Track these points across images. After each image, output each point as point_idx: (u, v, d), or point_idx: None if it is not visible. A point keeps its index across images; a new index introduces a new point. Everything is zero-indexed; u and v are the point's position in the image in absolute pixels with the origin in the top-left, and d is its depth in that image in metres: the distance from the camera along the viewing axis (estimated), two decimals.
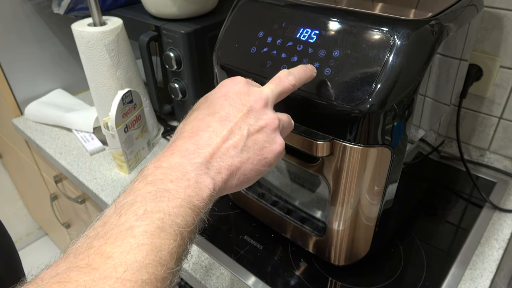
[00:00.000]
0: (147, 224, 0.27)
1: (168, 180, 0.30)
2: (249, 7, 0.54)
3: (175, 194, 0.29)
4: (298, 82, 0.41)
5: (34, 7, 0.96)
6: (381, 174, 0.47)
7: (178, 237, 0.28)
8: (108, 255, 0.25)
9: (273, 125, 0.36)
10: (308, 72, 0.42)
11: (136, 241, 0.26)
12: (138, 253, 0.26)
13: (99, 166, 0.83)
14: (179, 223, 0.28)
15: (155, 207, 0.28)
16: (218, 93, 0.37)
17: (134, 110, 0.75)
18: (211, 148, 0.33)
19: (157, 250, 0.26)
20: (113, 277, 0.24)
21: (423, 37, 0.43)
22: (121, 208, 0.28)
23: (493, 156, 0.77)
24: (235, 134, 0.34)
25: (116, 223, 0.27)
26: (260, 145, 0.35)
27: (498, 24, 0.67)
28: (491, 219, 0.66)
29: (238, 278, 0.58)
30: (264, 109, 0.36)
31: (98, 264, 0.25)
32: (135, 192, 0.29)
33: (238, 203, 0.70)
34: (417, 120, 0.48)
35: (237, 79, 0.38)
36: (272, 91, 0.38)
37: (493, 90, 0.72)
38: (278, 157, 0.37)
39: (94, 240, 0.26)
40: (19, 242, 1.69)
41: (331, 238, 0.55)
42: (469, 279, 0.56)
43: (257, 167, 0.35)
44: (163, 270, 0.26)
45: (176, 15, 0.78)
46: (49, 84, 1.06)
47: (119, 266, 0.25)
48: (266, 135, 0.36)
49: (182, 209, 0.29)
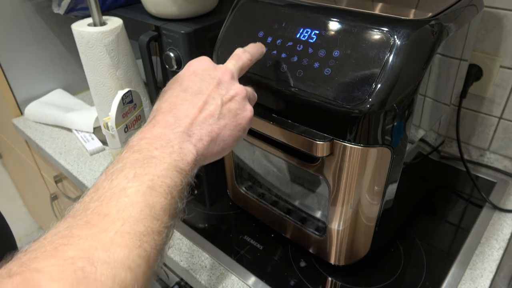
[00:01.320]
0: (139, 185, 0.29)
1: (153, 148, 0.32)
2: (249, 7, 0.54)
3: (161, 160, 0.31)
4: (253, 57, 0.45)
5: (34, 7, 0.96)
6: (381, 174, 0.47)
7: (169, 195, 0.30)
8: (105, 214, 0.27)
9: (242, 94, 0.40)
10: (259, 48, 0.47)
11: (130, 200, 0.28)
12: (133, 210, 0.27)
13: (99, 166, 0.83)
14: (168, 183, 0.30)
15: (143, 170, 0.30)
16: (187, 72, 0.40)
17: (134, 110, 0.75)
18: (190, 118, 0.35)
19: (150, 207, 0.28)
20: (112, 230, 0.26)
21: (423, 37, 0.43)
22: (111, 175, 0.30)
23: (493, 156, 0.77)
24: (210, 104, 0.37)
25: (109, 186, 0.29)
26: (233, 112, 0.38)
27: (498, 24, 0.67)
28: (491, 219, 0.66)
29: (238, 278, 0.58)
30: (232, 80, 0.40)
31: (97, 221, 0.26)
32: (123, 160, 0.31)
33: (238, 203, 0.70)
34: (417, 120, 0.48)
35: (202, 58, 0.42)
36: (234, 65, 0.42)
37: (493, 90, 0.72)
38: (249, 123, 0.40)
39: (89, 203, 0.28)
40: (19, 242, 1.68)
41: (331, 238, 0.55)
42: (469, 279, 0.56)
43: (234, 132, 0.38)
44: (158, 224, 0.28)
45: (176, 15, 0.78)
46: (49, 84, 1.06)
47: (116, 221, 0.27)
48: (237, 103, 0.39)
49: (169, 171, 0.31)
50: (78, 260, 0.24)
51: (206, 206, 0.73)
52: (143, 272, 0.26)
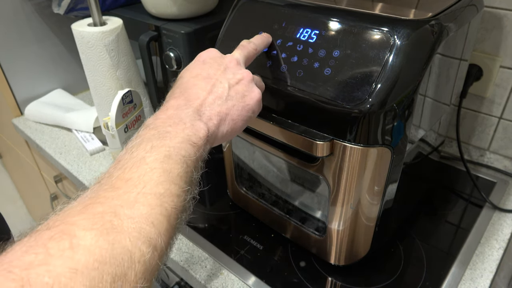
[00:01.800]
0: (156, 154, 0.32)
1: (167, 125, 0.35)
2: (249, 7, 0.54)
3: (175, 134, 0.34)
4: (259, 47, 0.47)
5: (34, 7, 0.96)
6: (381, 174, 0.47)
7: (184, 164, 0.33)
8: (127, 179, 0.30)
9: (248, 78, 0.42)
10: (265, 39, 0.49)
11: (150, 166, 0.31)
12: (153, 174, 0.31)
13: (99, 166, 0.83)
14: (183, 153, 0.33)
15: (160, 143, 0.33)
16: (196, 62, 0.43)
17: (134, 110, 0.75)
18: (200, 100, 0.38)
19: (168, 172, 0.31)
20: (135, 192, 0.29)
21: (423, 37, 0.43)
22: (131, 148, 0.33)
23: (493, 156, 0.77)
24: (218, 87, 0.40)
25: (129, 157, 0.32)
26: (241, 94, 0.41)
27: (498, 24, 0.67)
28: (491, 219, 0.66)
29: (238, 278, 0.58)
30: (238, 65, 0.43)
31: (120, 185, 0.30)
32: (140, 136, 0.34)
33: (238, 203, 0.70)
34: (417, 120, 0.48)
35: (211, 49, 0.45)
36: (240, 54, 0.45)
37: (493, 90, 0.72)
38: (258, 104, 0.42)
39: (113, 172, 0.31)
40: None
41: (331, 238, 0.55)
42: (469, 279, 0.56)
43: (243, 112, 0.40)
44: (176, 188, 0.31)
45: (176, 15, 0.78)
46: (49, 84, 1.06)
47: (138, 184, 0.30)
48: (244, 86, 0.41)
49: (183, 144, 0.34)
50: (106, 214, 0.27)
51: (206, 206, 0.73)
52: (166, 229, 0.29)
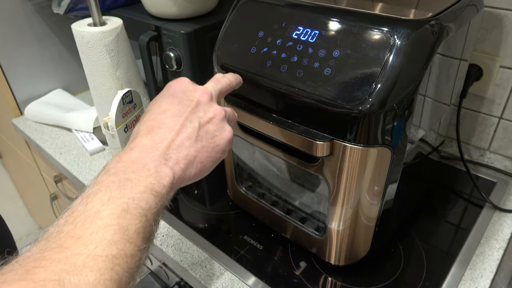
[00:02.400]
0: (113, 208, 0.29)
1: (129, 171, 0.32)
2: (249, 7, 0.54)
3: (137, 183, 0.31)
4: (232, 84, 0.46)
5: (34, 7, 0.96)
6: (381, 174, 0.47)
7: (143, 218, 0.30)
8: (78, 236, 0.27)
9: (220, 115, 0.40)
10: (237, 78, 0.47)
11: (104, 222, 0.28)
12: (107, 232, 0.27)
13: (99, 166, 0.83)
14: (143, 206, 0.30)
15: (119, 193, 0.30)
16: (166, 94, 0.40)
17: (134, 110, 0.75)
18: (167, 141, 0.35)
19: (124, 229, 0.28)
20: (84, 254, 0.26)
21: (423, 37, 0.43)
22: (87, 198, 0.30)
23: (493, 156, 0.77)
24: (188, 127, 0.37)
25: (83, 210, 0.29)
26: (211, 134, 0.38)
27: (498, 24, 0.67)
28: (491, 219, 0.66)
29: (238, 278, 0.58)
30: (210, 102, 0.40)
31: (69, 244, 0.26)
32: (99, 183, 0.31)
33: (238, 203, 0.70)
34: (417, 120, 0.48)
35: (182, 79, 0.41)
36: (214, 87, 0.42)
37: (493, 90, 0.72)
38: (229, 144, 0.40)
39: (64, 227, 0.28)
40: (19, 242, 1.69)
41: (331, 238, 0.55)
42: (469, 279, 0.56)
43: (212, 154, 0.38)
44: (131, 247, 0.28)
45: (176, 15, 0.78)
46: (49, 84, 1.06)
47: (89, 244, 0.26)
48: (215, 125, 0.39)
49: (145, 194, 0.31)
50: (49, 283, 0.24)
51: (206, 206, 0.73)
52: None
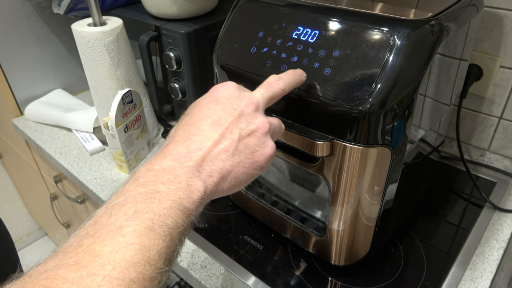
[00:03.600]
0: (137, 224, 0.27)
1: (159, 182, 0.30)
2: (249, 7, 0.54)
3: (165, 196, 0.30)
4: (288, 86, 0.41)
5: (34, 7, 0.96)
6: (381, 174, 0.47)
7: (168, 237, 0.28)
8: (96, 254, 0.25)
9: (264, 129, 0.37)
10: (298, 77, 0.42)
11: (125, 240, 0.26)
12: (127, 252, 0.26)
13: (99, 166, 0.83)
14: (169, 224, 0.29)
15: (145, 207, 0.28)
16: (210, 98, 0.38)
17: (134, 110, 0.75)
18: (202, 152, 0.33)
19: (145, 250, 0.27)
20: (101, 275, 0.24)
21: (423, 37, 0.43)
22: (111, 209, 0.28)
23: (493, 156, 0.77)
24: (226, 138, 0.35)
25: (106, 222, 0.27)
26: (251, 149, 0.36)
27: (498, 24, 0.67)
28: (491, 219, 0.66)
29: (238, 278, 0.58)
30: (255, 113, 0.37)
31: (87, 262, 0.25)
32: (126, 193, 0.30)
33: (238, 203, 0.70)
34: (417, 120, 0.48)
35: (228, 84, 0.39)
36: (263, 95, 0.39)
37: (493, 90, 0.72)
38: (269, 161, 0.37)
39: (84, 239, 0.27)
40: (19, 242, 1.69)
41: (331, 238, 0.55)
42: (469, 279, 0.56)
43: (249, 170, 0.36)
44: (151, 269, 0.27)
45: (176, 15, 0.78)
46: (49, 84, 1.06)
47: (107, 264, 0.25)
48: (257, 139, 0.36)
49: (172, 210, 0.29)
50: None
51: (206, 206, 0.73)
52: None
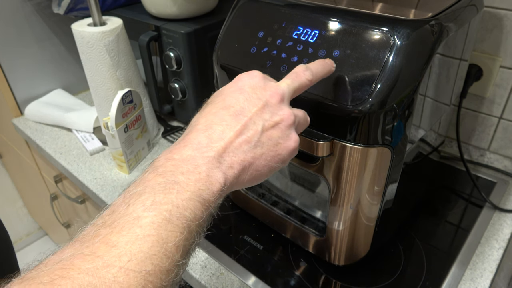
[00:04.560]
0: (155, 215, 0.27)
1: (178, 173, 0.30)
2: (249, 7, 0.54)
3: (184, 187, 0.29)
4: (315, 77, 0.39)
5: (34, 7, 0.96)
6: (381, 174, 0.47)
7: (186, 230, 0.28)
8: (113, 244, 0.25)
9: (288, 121, 0.36)
10: (327, 67, 0.41)
11: (143, 232, 0.26)
12: (144, 244, 0.25)
13: (99, 166, 0.83)
14: (187, 216, 0.28)
15: (163, 198, 0.28)
16: (234, 87, 0.37)
17: (134, 110, 0.75)
18: (224, 142, 0.32)
19: (163, 242, 0.26)
20: (117, 266, 0.24)
21: (423, 37, 0.43)
22: (129, 198, 0.28)
23: (493, 156, 0.77)
24: (249, 129, 0.34)
25: (123, 212, 0.27)
26: (274, 141, 0.35)
27: (498, 24, 0.67)
28: (491, 219, 0.66)
29: (238, 278, 0.58)
30: (280, 104, 0.36)
31: (103, 252, 0.25)
32: (144, 182, 0.29)
33: (238, 203, 0.70)
34: (417, 120, 0.48)
35: (254, 73, 0.37)
36: (289, 86, 0.37)
37: (493, 90, 0.72)
38: (292, 154, 0.36)
39: (100, 229, 0.26)
40: (19, 242, 1.69)
41: (331, 238, 0.55)
42: (469, 279, 0.56)
43: (270, 163, 0.35)
44: (168, 262, 0.26)
45: (176, 15, 0.78)
46: (49, 84, 1.06)
47: (123, 255, 0.25)
48: (281, 131, 0.35)
49: (191, 202, 0.29)
50: None
51: None
52: None
